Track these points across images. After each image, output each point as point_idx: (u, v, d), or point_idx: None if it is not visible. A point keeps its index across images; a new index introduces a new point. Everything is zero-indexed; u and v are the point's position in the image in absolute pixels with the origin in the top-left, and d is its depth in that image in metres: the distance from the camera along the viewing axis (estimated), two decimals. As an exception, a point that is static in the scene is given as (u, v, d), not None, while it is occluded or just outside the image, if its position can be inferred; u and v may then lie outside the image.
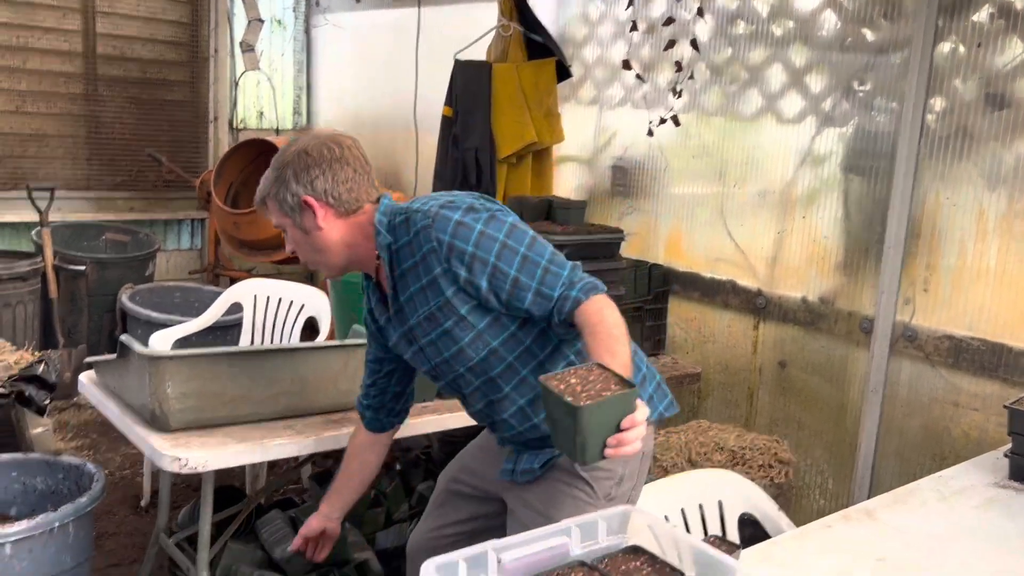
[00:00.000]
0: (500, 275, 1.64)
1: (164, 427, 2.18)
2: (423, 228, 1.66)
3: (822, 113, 3.05)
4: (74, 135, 5.06)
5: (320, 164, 1.75)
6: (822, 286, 3.07)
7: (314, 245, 1.80)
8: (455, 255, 1.65)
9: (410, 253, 1.71)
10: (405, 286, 1.75)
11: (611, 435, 1.32)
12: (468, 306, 1.69)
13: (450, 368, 1.79)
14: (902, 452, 2.87)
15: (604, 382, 1.35)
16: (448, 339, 1.73)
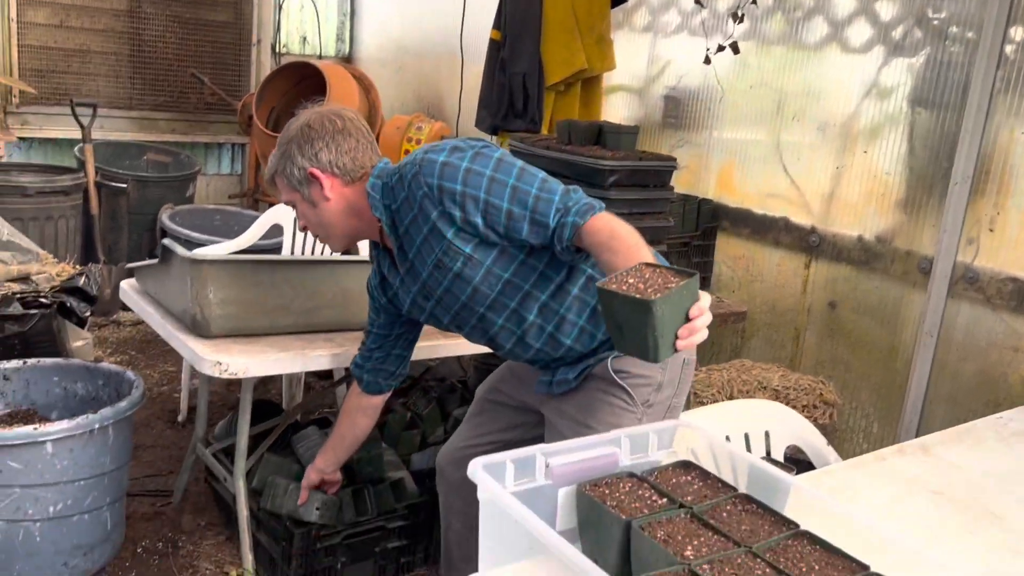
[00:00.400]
0: (493, 209, 1.63)
1: (205, 332, 2.16)
2: (413, 176, 1.67)
3: (891, 42, 2.90)
4: (117, 52, 5.02)
5: (323, 136, 1.78)
6: (880, 224, 2.96)
7: (322, 218, 1.83)
8: (446, 195, 1.64)
9: (408, 207, 1.71)
10: (411, 242, 1.75)
11: (681, 326, 1.29)
12: (471, 244, 1.68)
13: (471, 311, 1.78)
14: (954, 397, 2.78)
15: (662, 276, 1.30)
16: (461, 282, 1.72)
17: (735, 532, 1.16)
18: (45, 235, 4.13)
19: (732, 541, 1.13)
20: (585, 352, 1.80)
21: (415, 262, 1.77)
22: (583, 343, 1.78)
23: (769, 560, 1.10)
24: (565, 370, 1.83)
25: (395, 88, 5.31)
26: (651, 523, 1.16)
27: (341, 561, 2.43)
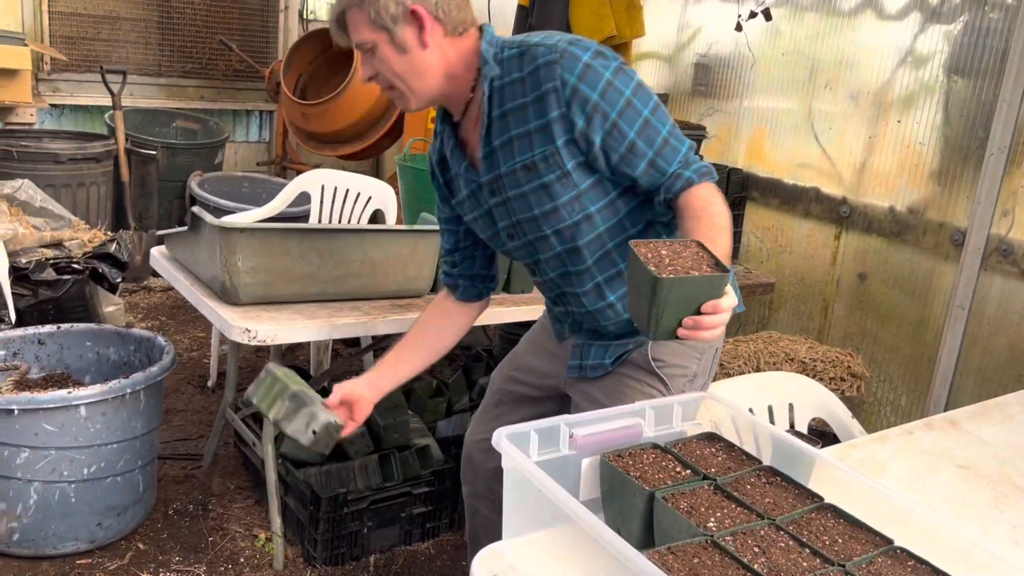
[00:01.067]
0: (618, 134, 1.47)
1: (234, 299, 2.19)
2: (547, 63, 1.45)
3: (928, 8, 2.83)
4: (146, 19, 5.03)
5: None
6: (913, 195, 2.91)
7: (410, 67, 1.53)
8: (577, 100, 1.45)
9: (520, 91, 1.50)
10: (503, 128, 1.54)
11: (689, 316, 1.22)
12: (575, 161, 1.50)
13: (535, 228, 1.60)
14: (984, 371, 2.74)
15: (696, 261, 1.25)
16: (544, 194, 1.54)
17: (758, 504, 1.17)
18: (77, 201, 4.18)
19: (755, 513, 1.14)
20: (620, 327, 1.68)
21: (499, 152, 1.56)
22: (620, 309, 1.66)
23: (792, 532, 1.10)
24: (599, 351, 1.72)
25: (422, 55, 5.27)
26: (674, 494, 1.17)
27: (367, 526, 2.47)
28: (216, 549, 2.48)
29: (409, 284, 2.44)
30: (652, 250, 1.26)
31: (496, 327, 3.36)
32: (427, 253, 2.43)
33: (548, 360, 1.85)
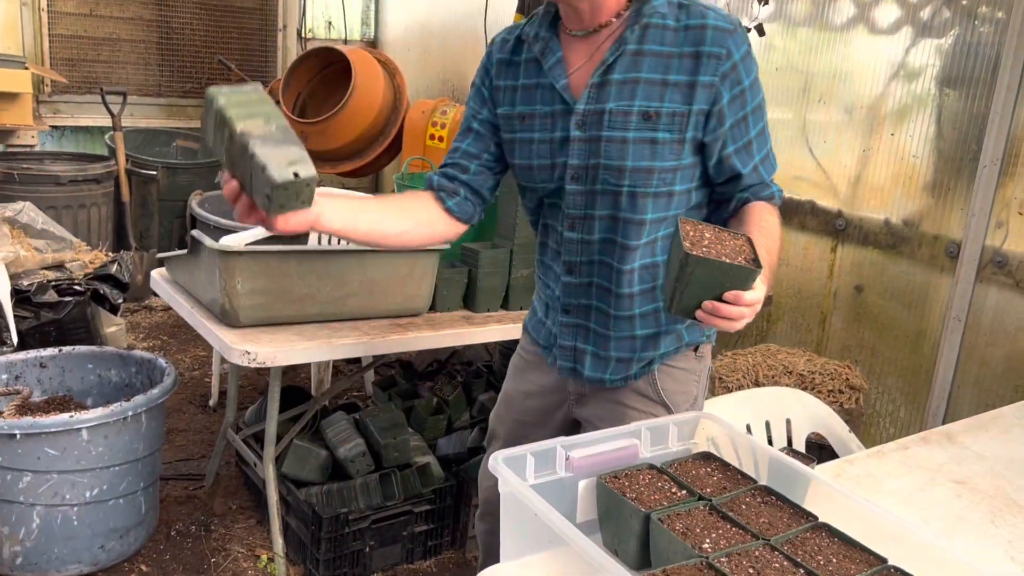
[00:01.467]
0: (744, 127, 1.47)
1: (233, 322, 2.20)
2: (719, 28, 1.42)
3: (919, 23, 2.86)
4: (146, 40, 5.08)
5: None
6: (907, 207, 2.93)
7: None
8: (732, 78, 1.43)
9: (669, 38, 1.44)
10: (632, 67, 1.45)
11: (710, 300, 1.24)
12: (693, 133, 1.46)
13: (614, 179, 1.48)
14: (982, 382, 2.75)
15: (735, 251, 1.26)
16: (648, 149, 1.45)
17: (753, 524, 1.18)
18: (78, 222, 4.21)
19: (750, 534, 1.15)
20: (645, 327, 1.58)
21: (615, 87, 1.46)
22: (650, 301, 1.57)
23: (787, 553, 1.11)
24: (598, 364, 1.63)
25: (421, 71, 5.31)
26: (670, 515, 1.18)
27: (369, 545, 2.47)
28: (219, 570, 2.49)
29: (408, 303, 2.45)
30: (697, 230, 1.28)
31: (497, 342, 3.38)
32: (426, 272, 2.45)
33: (548, 396, 1.74)
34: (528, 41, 1.56)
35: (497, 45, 1.61)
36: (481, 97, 1.62)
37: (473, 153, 1.62)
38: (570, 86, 1.50)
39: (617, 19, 1.48)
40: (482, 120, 1.62)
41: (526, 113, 1.55)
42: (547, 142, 1.53)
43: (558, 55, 1.51)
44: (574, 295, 1.62)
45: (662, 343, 1.63)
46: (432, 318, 2.51)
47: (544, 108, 1.53)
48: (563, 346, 1.66)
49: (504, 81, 1.59)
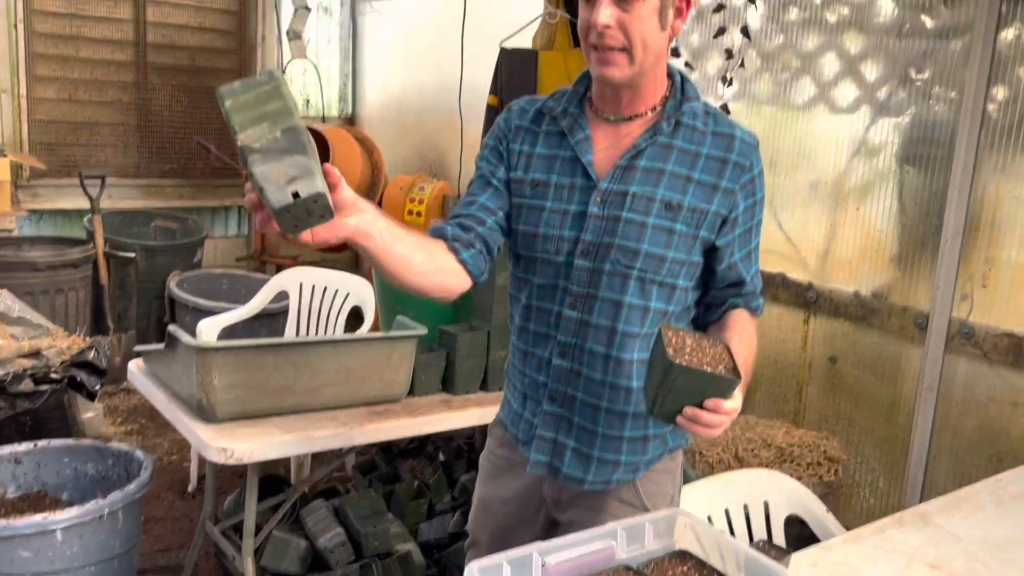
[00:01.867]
0: (748, 237, 1.56)
1: (211, 417, 2.20)
2: (745, 141, 1.52)
3: (877, 102, 2.96)
4: (124, 123, 5.13)
5: None
6: (876, 280, 2.99)
7: (653, 41, 1.45)
8: (749, 189, 1.52)
9: (696, 139, 1.51)
10: (661, 156, 1.50)
11: (691, 406, 1.28)
12: (707, 233, 1.51)
13: (626, 260, 1.49)
14: (957, 452, 2.79)
15: (716, 359, 1.31)
16: (664, 237, 1.48)
17: (727, 629, 1.19)
18: (55, 307, 4.20)
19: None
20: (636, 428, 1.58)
21: (641, 172, 1.50)
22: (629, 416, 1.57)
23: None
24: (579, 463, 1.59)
25: (398, 146, 5.40)
26: (644, 623, 1.18)
27: (350, 638, 2.44)
28: (197, 669, 2.44)
29: (386, 390, 2.46)
30: (679, 337, 1.33)
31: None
32: (403, 358, 2.46)
33: (525, 500, 1.69)
34: (551, 114, 1.57)
35: (516, 113, 1.62)
36: (499, 155, 1.60)
37: (491, 208, 1.57)
38: (595, 163, 1.52)
39: (652, 112, 1.53)
40: (499, 178, 1.58)
41: (540, 181, 1.55)
42: (559, 212, 1.53)
43: (586, 132, 1.54)
44: (563, 382, 1.58)
45: (650, 447, 1.61)
46: (410, 403, 2.51)
47: (563, 179, 1.53)
48: (542, 437, 1.60)
49: (520, 146, 1.58)
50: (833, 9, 3.08)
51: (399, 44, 5.45)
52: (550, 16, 3.76)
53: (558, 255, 1.54)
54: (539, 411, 1.62)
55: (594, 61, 1.47)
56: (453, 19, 4.77)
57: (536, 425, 1.62)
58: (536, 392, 1.62)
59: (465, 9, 4.67)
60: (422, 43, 5.20)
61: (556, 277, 1.55)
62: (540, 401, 1.61)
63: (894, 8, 2.91)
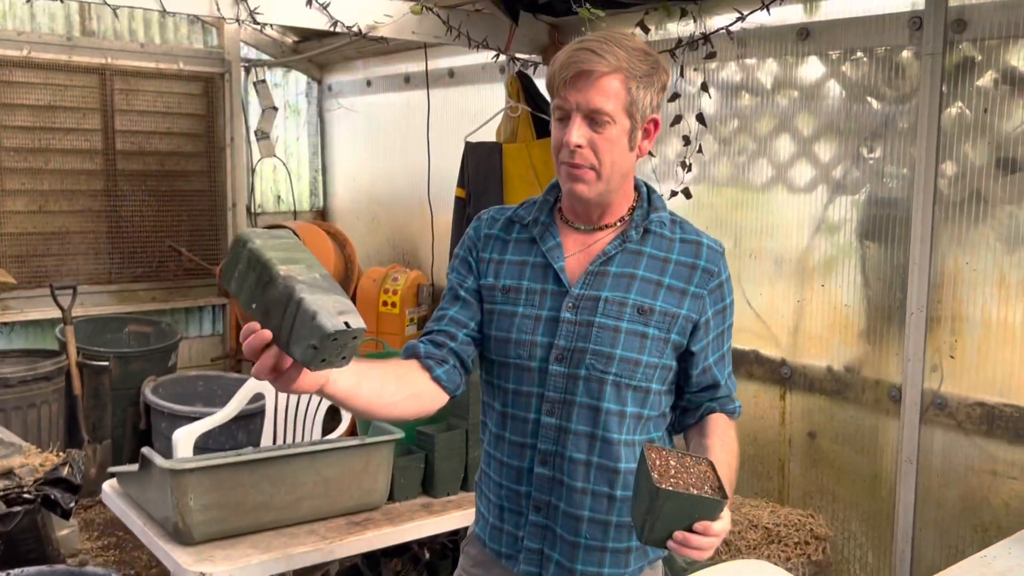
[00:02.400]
0: (720, 341, 1.60)
1: (187, 540, 2.17)
2: (713, 249, 1.58)
3: (833, 181, 3.04)
4: (95, 231, 5.14)
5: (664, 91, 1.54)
6: (847, 354, 3.03)
7: (621, 162, 1.50)
8: (718, 294, 1.57)
9: (667, 247, 1.56)
10: (632, 263, 1.54)
11: (680, 530, 1.28)
12: (678, 337, 1.54)
13: (601, 365, 1.50)
14: (941, 524, 2.78)
15: (701, 479, 1.31)
16: (637, 342, 1.51)
17: None
18: (28, 422, 4.14)
19: None
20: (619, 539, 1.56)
21: (613, 277, 1.53)
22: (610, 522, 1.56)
23: None
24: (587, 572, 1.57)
25: (370, 238, 5.45)
26: None
27: None
28: None
29: (365, 498, 2.44)
30: (663, 458, 1.33)
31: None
32: (381, 464, 2.45)
33: None
34: (520, 223, 1.61)
35: (486, 222, 1.65)
36: (468, 266, 1.63)
37: (461, 321, 1.60)
38: (566, 269, 1.55)
39: (620, 222, 1.58)
40: (468, 289, 1.61)
41: (511, 287, 1.57)
42: (531, 318, 1.54)
43: (557, 239, 1.57)
44: (545, 491, 1.56)
45: (632, 559, 1.59)
46: (391, 509, 2.48)
47: (535, 285, 1.56)
48: (530, 549, 1.58)
49: (490, 254, 1.61)
50: (784, 93, 3.19)
51: (367, 138, 5.55)
52: (512, 110, 3.86)
53: (531, 360, 1.54)
54: (523, 523, 1.59)
55: (564, 176, 1.51)
56: (419, 113, 4.88)
57: (522, 537, 1.60)
58: (518, 503, 1.60)
59: (429, 104, 4.79)
60: (389, 137, 5.30)
61: (531, 384, 1.55)
62: (523, 512, 1.59)
63: (841, 90, 3.02)
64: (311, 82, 5.97)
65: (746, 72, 3.30)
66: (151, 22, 5.24)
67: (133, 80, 5.16)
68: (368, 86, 5.46)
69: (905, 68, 2.84)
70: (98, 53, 5.02)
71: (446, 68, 4.75)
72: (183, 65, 5.31)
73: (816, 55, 3.07)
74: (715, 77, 3.39)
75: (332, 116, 5.87)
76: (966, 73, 2.68)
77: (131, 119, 5.19)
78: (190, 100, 5.40)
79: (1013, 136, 2.60)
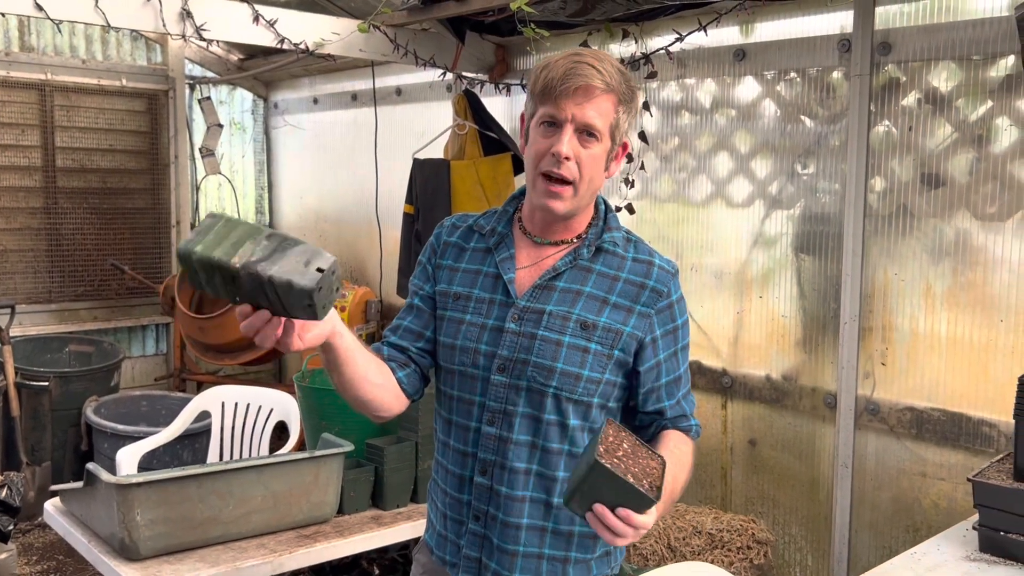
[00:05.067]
0: (674, 362, 1.59)
1: (134, 555, 2.15)
2: (664, 270, 1.58)
3: (769, 196, 3.16)
4: (35, 249, 5.05)
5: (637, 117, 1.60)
6: (784, 363, 3.13)
7: (596, 179, 1.52)
8: (667, 314, 1.57)
9: (618, 265, 1.57)
10: (581, 279, 1.56)
11: (603, 507, 1.28)
12: (622, 354, 1.55)
13: (542, 377, 1.53)
14: (876, 525, 2.89)
15: (644, 472, 1.31)
16: (578, 356, 1.53)
17: None
18: (-37, 445, 4.02)
19: None
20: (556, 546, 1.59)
21: (560, 292, 1.56)
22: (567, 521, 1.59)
23: None
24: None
25: (316, 256, 5.42)
26: None
27: None
28: None
29: (314, 511, 2.44)
30: (618, 438, 1.33)
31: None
32: (331, 477, 2.46)
33: None
34: (480, 232, 1.64)
35: (447, 229, 1.69)
36: (426, 274, 1.67)
37: (415, 331, 1.64)
38: (515, 281, 1.58)
39: (576, 238, 1.59)
40: (423, 296, 1.65)
41: (462, 294, 1.61)
42: (477, 326, 1.57)
43: (511, 251, 1.60)
44: (484, 500, 1.58)
45: (571, 571, 1.60)
46: (340, 522, 2.49)
47: (483, 294, 1.59)
48: (469, 557, 1.61)
49: (447, 261, 1.65)
50: (722, 112, 3.30)
51: (314, 156, 5.55)
52: (459, 127, 3.92)
53: (475, 368, 1.57)
54: (464, 531, 1.62)
55: (541, 190, 1.52)
56: (366, 131, 4.91)
57: (462, 546, 1.62)
58: (459, 511, 1.62)
59: (376, 121, 4.82)
60: (337, 154, 5.31)
61: (474, 392, 1.58)
62: (463, 521, 1.62)
63: (776, 109, 3.14)
64: (257, 99, 5.96)
65: (686, 92, 3.41)
66: (93, 38, 5.19)
67: (74, 96, 5.10)
68: (315, 104, 5.47)
69: (835, 88, 2.97)
70: (37, 68, 4.96)
71: (393, 86, 4.80)
72: (126, 82, 5.26)
73: (752, 75, 3.19)
74: (656, 96, 3.49)
75: (278, 133, 5.86)
76: (892, 93, 2.81)
77: (72, 136, 5.11)
78: (133, 117, 5.35)
79: (936, 153, 2.73)
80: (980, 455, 2.62)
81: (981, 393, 2.65)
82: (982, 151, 2.64)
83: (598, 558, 1.63)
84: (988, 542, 2.14)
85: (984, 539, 2.14)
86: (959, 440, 2.69)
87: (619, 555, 1.69)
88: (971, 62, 2.64)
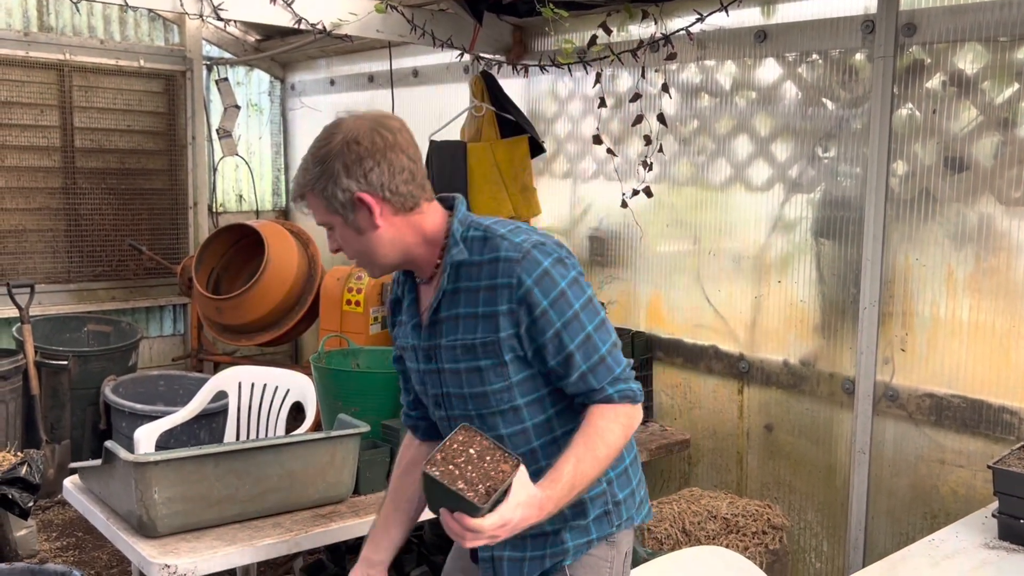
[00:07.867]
0: (558, 342, 1.55)
1: (151, 533, 2.17)
2: (508, 259, 1.55)
3: (789, 180, 3.12)
4: (53, 229, 5.08)
5: (374, 154, 1.55)
6: (802, 349, 3.11)
7: (368, 245, 1.60)
8: (528, 302, 1.54)
9: (476, 274, 1.59)
10: (454, 303, 1.61)
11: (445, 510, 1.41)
12: (513, 354, 1.58)
13: (462, 405, 1.65)
14: (893, 512, 2.87)
15: (485, 476, 1.38)
16: (477, 377, 1.61)
17: None
18: (-16, 422, 4.07)
19: None
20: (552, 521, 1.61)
21: (444, 324, 1.63)
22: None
23: None
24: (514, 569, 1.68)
25: (333, 237, 5.43)
26: None
27: None
28: None
29: (330, 491, 2.45)
30: (465, 443, 1.42)
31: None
32: (347, 458, 2.46)
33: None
34: (400, 283, 1.77)
35: (392, 285, 1.81)
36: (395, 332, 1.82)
37: (407, 389, 1.84)
38: (418, 326, 1.70)
39: (438, 268, 1.64)
40: (397, 356, 1.82)
41: (404, 346, 1.75)
42: (417, 372, 1.73)
43: (413, 296, 1.72)
44: None
45: (568, 537, 1.66)
46: (356, 503, 2.51)
47: (410, 342, 1.73)
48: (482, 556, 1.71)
49: (395, 317, 1.80)
50: (742, 94, 3.26)
51: (330, 137, 5.54)
52: (476, 109, 3.89)
53: (430, 407, 1.75)
54: None
55: None
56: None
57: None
58: None
59: (393, 102, 4.80)
60: (353, 136, 5.29)
61: (439, 429, 1.76)
62: None
63: (797, 92, 3.10)
64: (274, 81, 5.95)
65: (706, 73, 3.37)
66: (111, 18, 5.19)
67: (92, 77, 5.10)
68: (332, 85, 5.45)
69: (858, 70, 2.93)
70: (56, 49, 4.96)
71: (410, 67, 4.77)
72: (144, 62, 5.26)
73: (773, 57, 3.15)
74: (675, 78, 3.45)
75: (295, 115, 5.85)
76: (916, 75, 2.77)
77: (90, 116, 5.13)
78: (151, 98, 5.36)
79: (960, 136, 2.69)
80: (1000, 443, 2.60)
81: (1002, 380, 2.63)
82: (1008, 135, 2.59)
83: (595, 519, 1.68)
84: (1007, 530, 2.12)
85: (1003, 527, 2.13)
86: (979, 427, 2.66)
87: (623, 512, 1.71)
88: (998, 43, 2.60)
